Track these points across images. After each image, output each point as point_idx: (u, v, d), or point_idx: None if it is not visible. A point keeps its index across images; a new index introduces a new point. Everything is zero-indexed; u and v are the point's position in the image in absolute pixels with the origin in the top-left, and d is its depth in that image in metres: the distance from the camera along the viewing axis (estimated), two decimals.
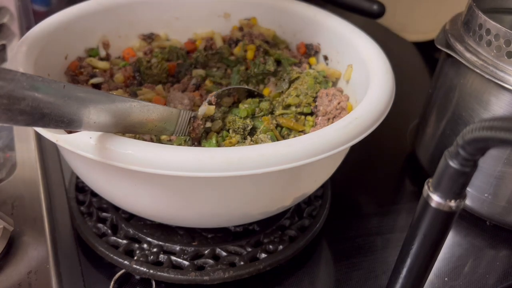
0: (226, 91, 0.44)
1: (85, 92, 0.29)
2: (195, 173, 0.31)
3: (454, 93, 0.47)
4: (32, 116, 0.25)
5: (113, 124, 0.31)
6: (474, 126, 0.22)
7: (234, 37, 0.56)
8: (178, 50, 0.54)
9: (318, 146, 0.33)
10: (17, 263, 0.38)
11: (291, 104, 0.46)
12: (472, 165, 0.24)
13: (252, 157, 0.31)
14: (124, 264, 0.40)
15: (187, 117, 0.38)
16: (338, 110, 0.45)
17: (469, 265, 0.45)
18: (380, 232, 0.47)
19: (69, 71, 0.48)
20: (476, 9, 0.44)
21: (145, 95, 0.46)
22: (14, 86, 0.24)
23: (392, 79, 0.42)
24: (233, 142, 0.40)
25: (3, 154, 0.50)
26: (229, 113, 0.43)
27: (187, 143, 0.41)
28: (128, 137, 0.36)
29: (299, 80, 0.47)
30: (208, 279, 0.39)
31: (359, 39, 0.48)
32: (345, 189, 0.53)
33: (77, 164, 0.39)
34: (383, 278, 0.42)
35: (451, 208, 0.26)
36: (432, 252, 0.29)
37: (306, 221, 0.45)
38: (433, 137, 0.52)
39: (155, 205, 0.38)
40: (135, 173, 0.32)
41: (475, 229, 0.49)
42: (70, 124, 0.28)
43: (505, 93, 0.42)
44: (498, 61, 0.42)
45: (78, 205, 0.45)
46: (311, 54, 0.54)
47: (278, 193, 0.38)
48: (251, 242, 0.43)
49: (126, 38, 0.54)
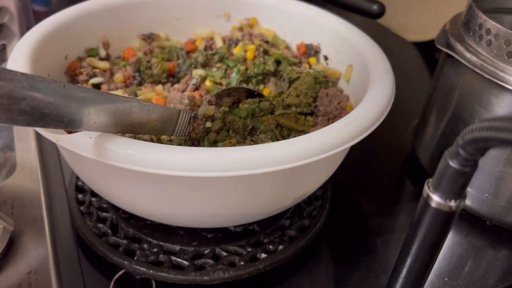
0: (226, 91, 0.45)
1: (85, 92, 0.29)
2: (195, 173, 0.31)
3: (454, 93, 0.47)
4: (32, 116, 0.25)
5: (113, 124, 0.31)
6: (474, 126, 0.22)
7: (234, 37, 0.56)
8: (178, 50, 0.54)
9: (318, 146, 0.33)
10: (17, 263, 0.38)
11: (291, 104, 0.46)
12: (472, 165, 0.24)
13: (252, 157, 0.31)
14: (124, 264, 0.40)
15: (187, 117, 0.38)
16: (338, 110, 0.45)
17: (469, 265, 0.45)
18: (380, 232, 0.47)
19: (69, 71, 0.48)
20: (476, 9, 0.44)
21: (145, 95, 0.46)
22: (14, 86, 0.24)
23: (392, 79, 0.42)
24: (233, 142, 0.40)
25: (3, 154, 0.50)
26: (229, 113, 0.43)
27: (187, 143, 0.41)
28: (128, 137, 0.36)
29: (299, 80, 0.47)
30: (208, 279, 0.39)
31: (359, 39, 0.48)
32: (345, 189, 0.53)
33: (77, 164, 0.39)
34: (383, 278, 0.42)
35: (451, 208, 0.26)
36: (432, 252, 0.29)
37: (306, 221, 0.45)
38: (433, 137, 0.52)
39: (155, 205, 0.37)
40: (135, 173, 0.32)
41: (475, 229, 0.49)
42: (70, 124, 0.28)
43: (505, 93, 0.42)
44: (498, 61, 0.42)
45: (78, 205, 0.45)
46: (311, 54, 0.54)
47: (278, 193, 0.38)
48: (251, 242, 0.43)
49: (126, 38, 0.54)
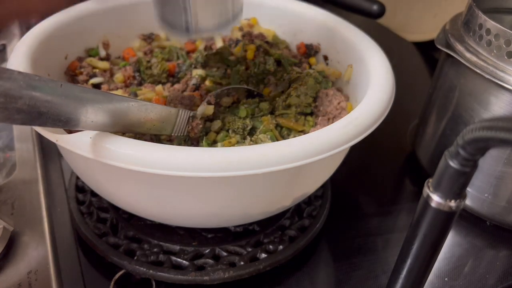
0: (226, 91, 0.44)
1: (83, 91, 0.29)
2: (195, 173, 0.31)
3: (454, 93, 0.47)
4: (29, 115, 0.25)
5: (111, 123, 0.31)
6: (474, 126, 0.22)
7: (234, 37, 0.56)
8: (178, 50, 0.54)
9: (318, 146, 0.33)
10: (17, 263, 0.38)
11: (291, 104, 0.45)
12: (472, 165, 0.24)
13: (252, 157, 0.31)
14: (124, 264, 0.40)
15: (186, 117, 0.38)
16: (338, 110, 0.45)
17: (469, 265, 0.45)
18: (380, 232, 0.47)
19: (69, 71, 0.48)
20: (476, 9, 0.44)
21: (145, 95, 0.46)
22: (11, 85, 0.24)
23: (392, 79, 0.42)
24: (232, 142, 0.40)
25: (3, 154, 0.50)
26: (228, 113, 0.43)
27: (187, 143, 0.41)
28: (128, 137, 0.36)
29: (299, 80, 0.47)
30: (208, 279, 0.39)
31: (359, 39, 0.48)
32: (345, 189, 0.53)
33: (77, 164, 0.39)
34: (383, 278, 0.42)
35: (451, 208, 0.26)
36: (432, 252, 0.29)
37: (306, 221, 0.45)
38: (433, 137, 0.52)
39: (155, 205, 0.37)
40: (135, 173, 0.32)
41: (475, 229, 0.49)
42: (67, 123, 0.28)
43: (505, 93, 0.42)
44: (498, 61, 0.42)
45: (78, 205, 0.45)
46: (311, 54, 0.54)
47: (278, 193, 0.38)
48: (251, 242, 0.43)
49: (126, 38, 0.54)
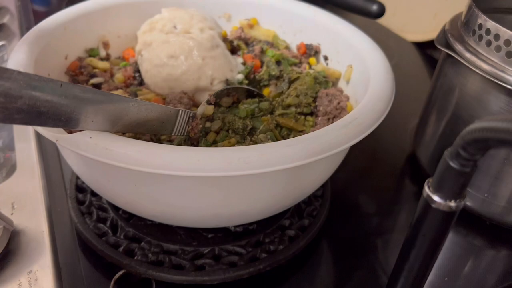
0: (226, 91, 0.44)
1: (82, 91, 0.29)
2: (195, 173, 0.31)
3: (454, 93, 0.47)
4: (29, 115, 0.25)
5: (111, 123, 0.31)
6: (474, 126, 0.22)
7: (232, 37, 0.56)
8: None
9: (318, 146, 0.33)
10: (17, 263, 0.38)
11: (291, 104, 0.46)
12: (472, 165, 0.24)
13: (252, 157, 0.31)
14: (124, 264, 0.40)
15: (185, 117, 0.38)
16: (338, 110, 0.45)
17: (469, 265, 0.45)
18: (380, 232, 0.47)
19: (69, 71, 0.48)
20: (476, 9, 0.44)
21: (145, 95, 0.46)
22: (11, 85, 0.24)
23: (392, 79, 0.42)
24: (232, 142, 0.40)
25: (3, 154, 0.50)
26: (228, 113, 0.43)
27: (187, 142, 0.41)
28: (128, 137, 0.36)
29: (299, 80, 0.47)
30: (208, 279, 0.39)
31: (359, 39, 0.48)
32: (345, 189, 0.53)
33: (77, 164, 0.39)
34: (383, 278, 0.42)
35: (451, 208, 0.26)
36: (432, 252, 0.29)
37: (306, 221, 0.45)
38: (433, 137, 0.52)
39: (155, 205, 0.37)
40: (135, 173, 0.32)
41: (475, 229, 0.49)
42: (67, 123, 0.28)
43: (505, 93, 0.42)
44: (498, 61, 0.42)
45: (78, 205, 0.45)
46: (311, 54, 0.54)
47: (278, 193, 0.38)
48: (251, 242, 0.43)
49: (126, 38, 0.54)
